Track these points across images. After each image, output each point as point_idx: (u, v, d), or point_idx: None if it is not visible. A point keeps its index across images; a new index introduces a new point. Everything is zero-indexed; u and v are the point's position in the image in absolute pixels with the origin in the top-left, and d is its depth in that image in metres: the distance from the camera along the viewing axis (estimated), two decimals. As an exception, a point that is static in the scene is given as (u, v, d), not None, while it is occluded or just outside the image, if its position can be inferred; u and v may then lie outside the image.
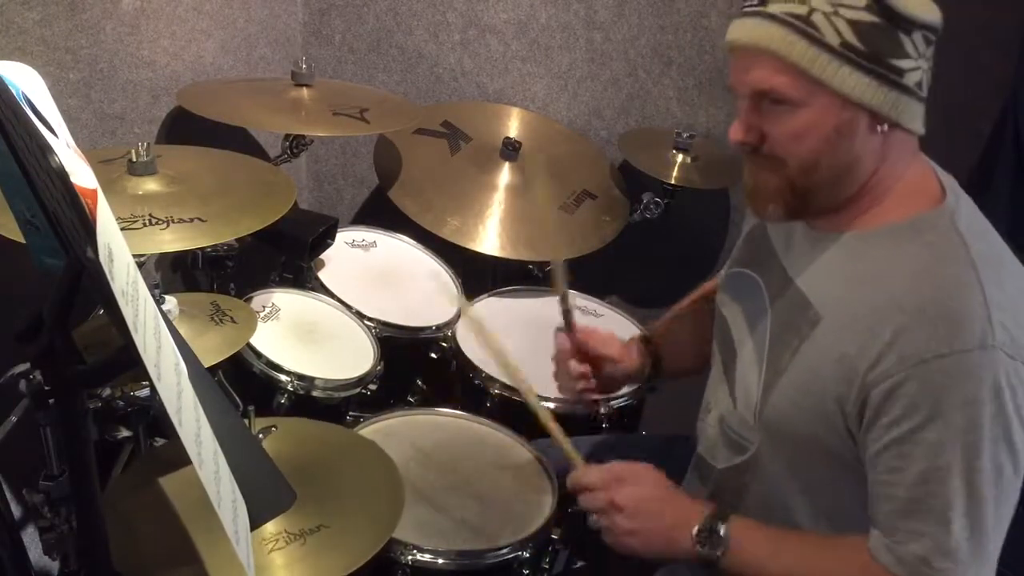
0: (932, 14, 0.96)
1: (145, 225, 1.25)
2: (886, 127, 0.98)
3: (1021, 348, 0.93)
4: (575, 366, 1.35)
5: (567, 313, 1.36)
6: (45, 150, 0.69)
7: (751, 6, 0.99)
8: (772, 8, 0.96)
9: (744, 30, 0.99)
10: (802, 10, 0.94)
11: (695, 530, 1.06)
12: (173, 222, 1.27)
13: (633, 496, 1.10)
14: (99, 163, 1.38)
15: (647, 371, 1.39)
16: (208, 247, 1.63)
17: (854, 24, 0.93)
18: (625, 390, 1.59)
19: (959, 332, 0.92)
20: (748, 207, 1.12)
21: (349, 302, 1.76)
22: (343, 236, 1.93)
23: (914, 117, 1.00)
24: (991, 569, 0.97)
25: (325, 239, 1.78)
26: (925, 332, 0.94)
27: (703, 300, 1.44)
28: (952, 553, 0.94)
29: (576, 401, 1.42)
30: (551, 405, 1.49)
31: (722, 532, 1.05)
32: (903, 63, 0.95)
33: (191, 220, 1.29)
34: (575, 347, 1.36)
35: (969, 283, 0.94)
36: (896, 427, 0.95)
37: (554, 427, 1.21)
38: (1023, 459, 0.94)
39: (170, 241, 1.25)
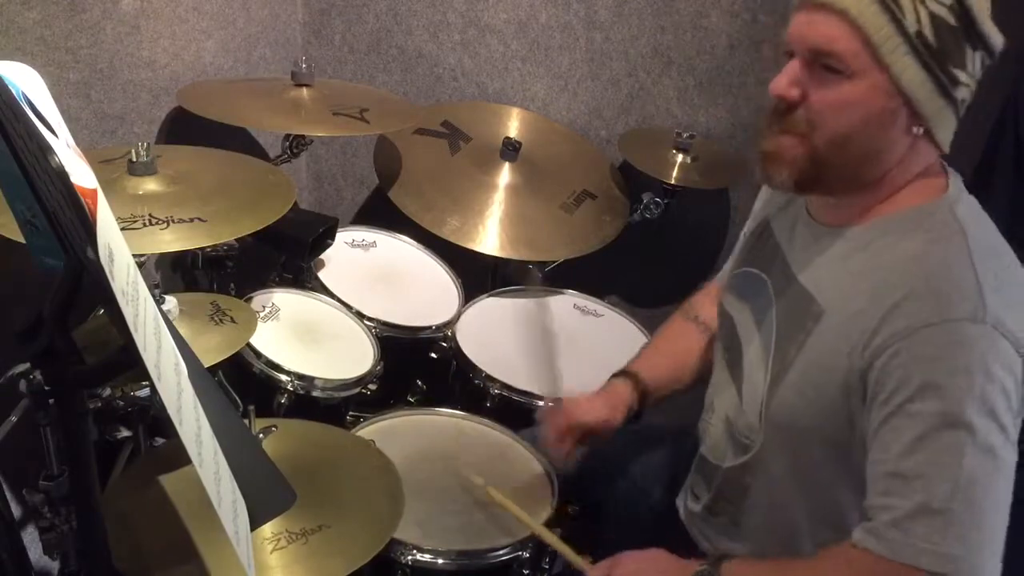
0: (999, 40, 0.96)
1: (145, 225, 1.25)
2: (921, 131, 0.98)
3: (1011, 332, 0.93)
4: (564, 445, 1.32)
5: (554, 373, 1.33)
6: (45, 150, 0.69)
7: None
8: None
9: None
10: None
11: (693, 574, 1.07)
12: (173, 222, 1.27)
13: (631, 568, 1.12)
14: (99, 163, 1.38)
15: (635, 408, 1.35)
16: (208, 247, 1.63)
17: (934, 18, 0.93)
18: None
19: (949, 303, 0.93)
20: (758, 175, 1.09)
21: (349, 302, 1.76)
22: (343, 236, 1.93)
23: (947, 131, 1.00)
24: (995, 555, 0.92)
25: (325, 239, 1.78)
26: (915, 305, 0.94)
27: (684, 319, 1.44)
28: (937, 529, 0.91)
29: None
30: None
31: (719, 572, 1.06)
32: (960, 75, 0.95)
33: (191, 220, 1.29)
34: (564, 427, 1.31)
35: (963, 264, 0.95)
36: (889, 402, 0.94)
37: (562, 545, 1.24)
38: (1012, 438, 0.93)
39: (170, 241, 1.25)
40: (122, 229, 0.94)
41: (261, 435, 1.24)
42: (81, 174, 0.73)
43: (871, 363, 0.96)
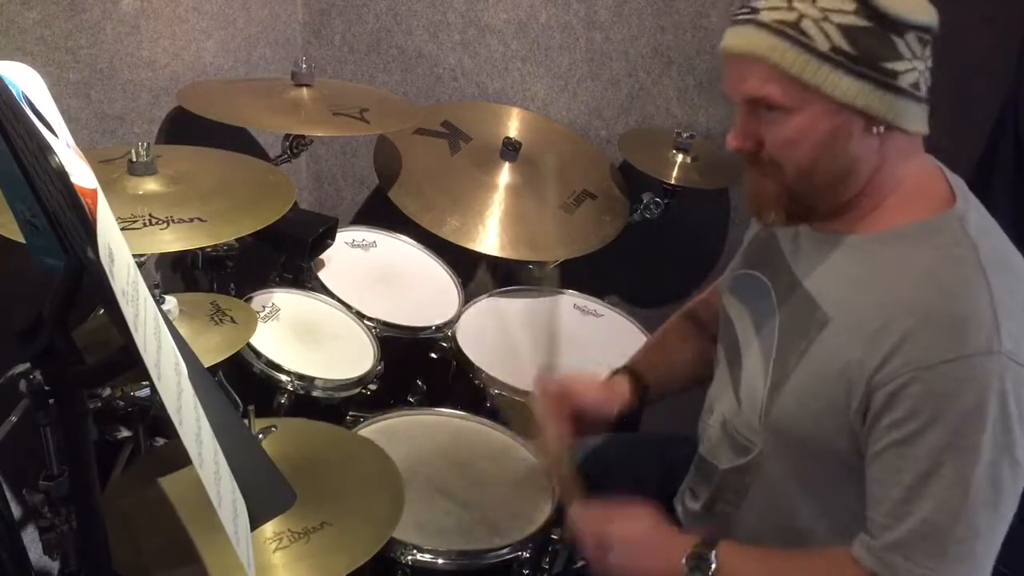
0: (925, 14, 0.95)
1: (145, 225, 1.25)
2: (882, 129, 0.98)
3: None
4: (555, 425, 1.29)
5: (553, 347, 1.32)
6: (45, 150, 0.69)
7: (743, 14, 0.99)
8: (763, 16, 0.96)
9: (736, 38, 0.99)
10: (791, 17, 0.94)
11: (685, 557, 1.06)
12: (173, 222, 1.27)
13: (622, 533, 1.11)
14: (99, 163, 1.38)
15: (632, 404, 1.33)
16: (208, 247, 1.63)
17: (844, 29, 0.93)
18: None
19: (965, 336, 0.92)
20: (751, 215, 1.12)
21: (349, 302, 1.76)
22: (343, 236, 1.93)
23: (913, 118, 0.99)
24: None
25: (325, 239, 1.78)
26: (931, 336, 0.93)
27: (685, 318, 1.44)
28: (936, 555, 0.93)
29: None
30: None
31: (711, 556, 1.05)
32: (896, 65, 0.95)
33: (191, 220, 1.29)
34: (558, 397, 1.29)
35: (977, 287, 0.94)
36: (897, 429, 0.95)
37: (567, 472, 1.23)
38: (1021, 469, 0.93)
39: (170, 241, 1.25)
40: (122, 229, 0.94)
41: (261, 435, 1.24)
42: (81, 174, 0.73)
43: (882, 384, 0.96)
